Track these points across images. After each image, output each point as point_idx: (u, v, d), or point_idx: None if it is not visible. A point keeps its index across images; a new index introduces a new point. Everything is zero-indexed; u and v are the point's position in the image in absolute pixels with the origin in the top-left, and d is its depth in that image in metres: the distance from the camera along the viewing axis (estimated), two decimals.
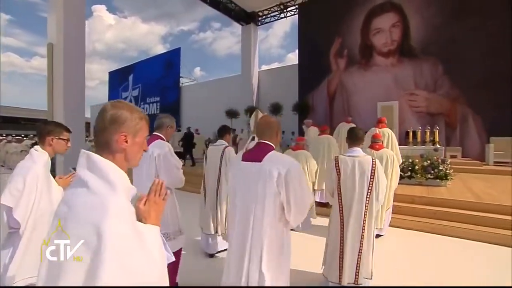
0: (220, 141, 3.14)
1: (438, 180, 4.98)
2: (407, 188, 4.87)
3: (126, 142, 0.80)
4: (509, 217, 3.42)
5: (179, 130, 13.02)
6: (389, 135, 4.47)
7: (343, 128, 5.69)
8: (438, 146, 5.37)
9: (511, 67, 8.61)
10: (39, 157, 1.58)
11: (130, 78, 26.97)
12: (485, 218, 3.49)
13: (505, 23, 8.81)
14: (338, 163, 2.25)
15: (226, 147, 3.08)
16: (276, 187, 1.42)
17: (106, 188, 0.71)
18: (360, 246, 2.19)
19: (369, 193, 2.19)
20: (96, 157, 0.75)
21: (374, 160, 2.22)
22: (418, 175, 5.16)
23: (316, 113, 12.98)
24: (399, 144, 8.81)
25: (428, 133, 5.51)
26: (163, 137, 2.32)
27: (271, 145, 1.54)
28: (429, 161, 5.12)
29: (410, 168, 5.23)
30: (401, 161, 4.66)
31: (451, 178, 4.96)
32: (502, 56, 8.77)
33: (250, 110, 14.10)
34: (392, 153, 3.42)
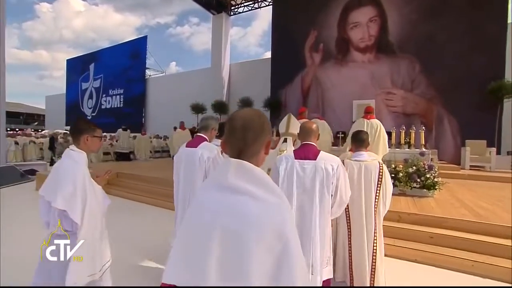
0: (216, 141, 2.66)
1: (424, 190, 4.24)
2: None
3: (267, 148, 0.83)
4: None
5: (125, 129, 11.62)
6: (378, 126, 3.75)
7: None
8: (425, 149, 4.66)
9: (484, 67, 8.35)
10: (80, 157, 1.56)
11: (91, 67, 24.42)
12: (498, 246, 2.69)
13: (476, 23, 8.53)
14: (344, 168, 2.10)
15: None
16: (331, 179, 1.71)
17: (273, 196, 0.73)
18: (373, 260, 2.09)
19: (377, 200, 2.08)
20: (251, 166, 0.76)
21: (381, 165, 2.10)
22: (402, 184, 4.39)
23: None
24: None
25: (412, 134, 4.78)
26: (207, 138, 2.32)
27: (316, 146, 1.85)
28: (414, 167, 4.36)
29: (392, 175, 4.44)
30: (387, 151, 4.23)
31: (440, 188, 4.24)
32: (476, 56, 8.48)
33: (217, 105, 12.95)
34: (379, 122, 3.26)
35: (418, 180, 4.26)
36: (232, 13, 16.18)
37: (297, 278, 0.65)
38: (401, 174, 4.41)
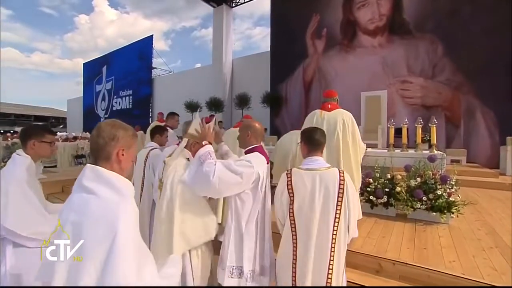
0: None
1: (434, 213, 2.80)
2: (375, 230, 2.69)
3: (123, 155, 0.93)
4: None
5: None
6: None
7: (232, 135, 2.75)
8: (436, 152, 3.19)
9: None
10: (21, 161, 1.56)
11: (104, 69, 24.75)
12: None
13: None
14: (291, 179, 1.54)
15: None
16: None
17: (115, 195, 0.83)
18: None
19: (336, 223, 1.44)
20: (101, 169, 0.88)
21: (342, 173, 1.50)
22: (401, 202, 2.99)
23: (289, 106, 10.82)
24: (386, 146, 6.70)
25: (419, 130, 3.32)
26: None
27: None
28: (419, 179, 2.94)
29: (387, 190, 3.05)
30: (363, 152, 2.77)
31: (458, 211, 2.78)
32: None
33: (212, 103, 11.94)
34: (349, 114, 2.56)
35: (425, 198, 2.83)
36: (234, 5, 15.11)
37: (119, 268, 0.73)
38: (399, 189, 3.00)
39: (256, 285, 1.54)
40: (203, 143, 1.56)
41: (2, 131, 20.79)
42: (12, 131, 17.95)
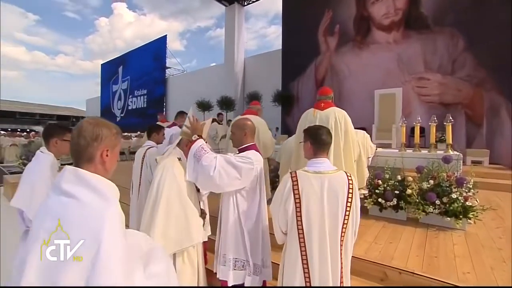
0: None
1: (449, 218, 2.60)
2: (382, 235, 2.53)
3: (107, 155, 0.88)
4: None
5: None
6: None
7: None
8: (452, 152, 2.96)
9: None
10: (45, 158, 1.63)
11: (120, 70, 25.39)
12: None
13: None
14: (297, 183, 1.38)
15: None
16: None
17: (98, 199, 0.77)
18: None
19: (344, 229, 1.34)
20: (82, 171, 0.81)
21: (350, 177, 1.39)
22: (412, 205, 2.80)
23: (301, 105, 10.61)
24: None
25: (433, 129, 3.10)
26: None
27: None
28: (432, 181, 2.74)
29: (397, 192, 2.87)
30: (372, 153, 3.14)
31: (476, 217, 2.56)
32: None
33: (223, 102, 11.94)
34: (343, 112, 2.42)
35: (438, 201, 2.63)
36: (245, 3, 15.05)
37: (106, 278, 0.68)
38: (410, 191, 2.81)
39: (259, 276, 1.61)
40: (193, 138, 1.57)
41: (28, 130, 21.86)
42: (35, 130, 18.82)
